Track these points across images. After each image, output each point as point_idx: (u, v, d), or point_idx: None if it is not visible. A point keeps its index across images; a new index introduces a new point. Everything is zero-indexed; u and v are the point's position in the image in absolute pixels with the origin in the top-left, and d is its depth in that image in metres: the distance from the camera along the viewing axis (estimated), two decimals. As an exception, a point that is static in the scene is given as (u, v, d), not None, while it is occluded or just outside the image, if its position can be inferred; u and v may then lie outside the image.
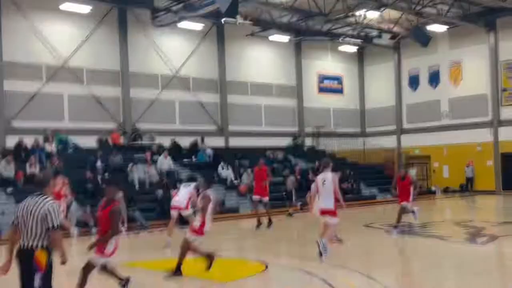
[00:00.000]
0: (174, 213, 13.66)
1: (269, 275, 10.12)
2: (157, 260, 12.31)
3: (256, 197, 17.96)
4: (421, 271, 10.43)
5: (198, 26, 27.89)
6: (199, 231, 9.76)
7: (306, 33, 30.50)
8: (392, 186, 16.19)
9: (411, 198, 15.09)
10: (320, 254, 10.78)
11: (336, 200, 11.47)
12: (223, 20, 27.10)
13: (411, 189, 15.08)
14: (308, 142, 33.40)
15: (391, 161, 33.82)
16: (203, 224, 9.64)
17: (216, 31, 29.43)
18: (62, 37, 24.19)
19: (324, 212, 11.50)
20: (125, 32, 25.95)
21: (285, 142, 31.70)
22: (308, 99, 33.56)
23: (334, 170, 12.27)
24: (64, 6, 23.55)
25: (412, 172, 32.12)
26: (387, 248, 13.25)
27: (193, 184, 13.43)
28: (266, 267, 10.65)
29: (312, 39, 31.72)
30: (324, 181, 11.47)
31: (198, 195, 12.61)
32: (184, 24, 26.57)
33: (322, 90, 34.90)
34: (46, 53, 23.72)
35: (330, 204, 11.38)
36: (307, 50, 33.62)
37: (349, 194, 26.81)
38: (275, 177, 26.11)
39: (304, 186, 25.95)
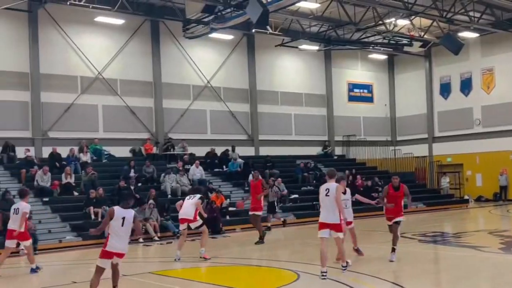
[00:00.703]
0: (182, 226, 13.73)
1: (301, 284, 10.19)
2: (188, 269, 12.54)
3: (251, 213, 17.05)
4: (454, 281, 10.38)
5: (228, 36, 28.28)
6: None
7: (336, 42, 30.53)
8: (382, 196, 12.82)
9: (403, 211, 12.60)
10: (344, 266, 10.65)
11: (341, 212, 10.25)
12: (253, 30, 27.44)
13: (403, 201, 12.54)
14: (338, 151, 33.37)
15: (422, 170, 33.55)
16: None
17: (246, 41, 29.75)
18: (97, 49, 24.83)
19: (324, 226, 10.17)
20: (158, 43, 26.46)
21: (315, 151, 31.77)
22: (338, 107, 33.56)
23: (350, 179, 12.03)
24: (98, 19, 24.19)
25: (445, 180, 31.83)
26: (418, 258, 13.19)
27: (198, 196, 13.54)
28: (298, 276, 10.73)
29: (342, 48, 31.74)
30: (328, 191, 10.17)
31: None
32: (215, 35, 26.94)
33: (352, 98, 34.86)
34: (81, 65, 24.36)
35: (334, 218, 10.10)
36: (337, 59, 33.67)
37: (380, 204, 26.64)
38: (307, 187, 26.22)
39: (335, 195, 25.96)
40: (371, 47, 31.87)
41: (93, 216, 18.45)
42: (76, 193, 20.33)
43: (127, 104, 25.39)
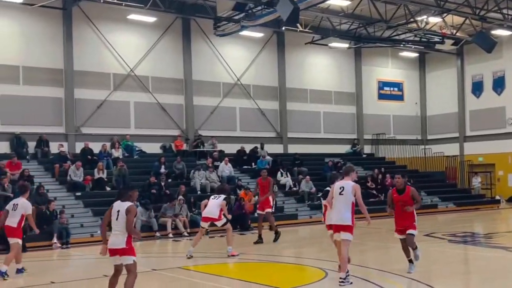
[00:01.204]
0: (205, 224, 13.78)
1: (329, 282, 10.24)
2: (217, 265, 12.70)
3: (260, 212, 16.62)
4: (484, 282, 10.31)
5: (258, 34, 28.41)
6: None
7: (366, 39, 30.37)
8: (388, 204, 10.80)
9: (415, 222, 10.49)
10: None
11: (353, 213, 9.66)
12: (283, 28, 27.49)
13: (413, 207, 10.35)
14: (367, 149, 33.21)
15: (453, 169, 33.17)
16: None
17: (276, 39, 29.81)
18: (129, 47, 25.20)
19: (337, 228, 9.69)
20: (189, 41, 26.72)
21: (344, 149, 31.67)
22: (367, 106, 33.37)
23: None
24: (131, 17, 24.58)
25: (476, 180, 31.39)
26: (449, 258, 13.11)
27: (222, 196, 13.56)
28: (326, 274, 10.78)
29: (372, 46, 31.54)
30: (342, 189, 9.56)
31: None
32: (246, 33, 27.07)
33: (382, 96, 34.62)
34: (114, 62, 24.76)
35: (346, 218, 9.54)
36: (367, 56, 33.47)
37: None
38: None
39: (364, 194, 25.87)
40: (402, 45, 31.58)
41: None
42: (108, 188, 20.71)
43: (158, 101, 25.72)
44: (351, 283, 9.45)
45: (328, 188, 10.57)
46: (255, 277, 10.55)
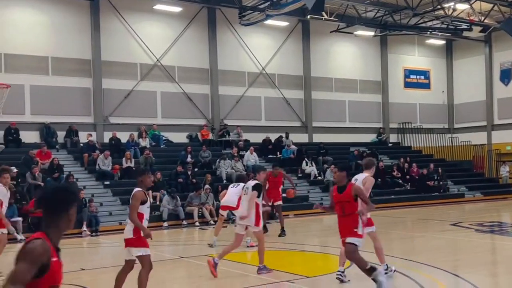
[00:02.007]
0: (224, 213, 14.02)
1: (353, 271, 10.31)
2: (243, 253, 12.84)
3: (275, 204, 15.82)
4: (511, 272, 10.28)
5: (283, 23, 28.38)
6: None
7: (393, 27, 30.08)
8: (330, 204, 8.79)
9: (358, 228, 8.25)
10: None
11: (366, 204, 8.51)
12: (308, 16, 27.38)
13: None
14: (393, 138, 33.02)
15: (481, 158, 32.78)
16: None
17: (301, 27, 29.73)
18: (155, 37, 25.40)
19: None
20: (214, 30, 26.84)
21: (369, 138, 31.56)
22: (393, 94, 33.12)
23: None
24: (157, 7, 24.79)
25: (504, 169, 31.00)
26: (476, 248, 13.06)
27: (241, 185, 13.28)
28: (351, 263, 10.83)
29: (398, 34, 31.23)
30: (355, 182, 9.04)
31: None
32: (271, 22, 27.07)
33: (408, 85, 34.31)
34: (141, 52, 25.01)
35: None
36: (393, 44, 33.17)
37: (436, 192, 26.35)
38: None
39: (390, 183, 25.82)
40: (428, 32, 31.19)
41: (151, 200, 19.07)
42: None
43: (184, 90, 25.94)
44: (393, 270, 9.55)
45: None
46: (281, 265, 10.67)
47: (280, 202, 15.83)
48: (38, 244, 3.19)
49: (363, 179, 9.19)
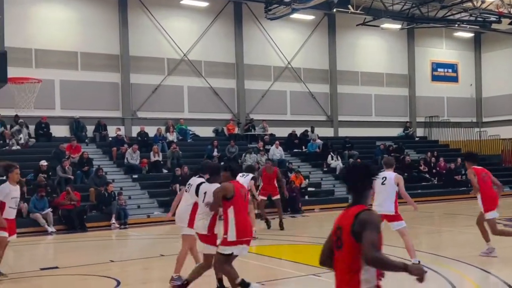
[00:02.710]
0: None
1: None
2: (267, 246, 12.96)
3: (273, 198, 15.63)
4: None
5: (309, 16, 28.33)
6: None
7: (420, 20, 29.78)
8: None
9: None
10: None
11: (397, 203, 9.73)
12: (334, 10, 27.27)
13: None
14: (420, 132, 32.76)
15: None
16: None
17: (327, 21, 29.63)
18: (182, 32, 25.59)
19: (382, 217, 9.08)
20: (240, 25, 26.93)
21: (396, 132, 31.35)
22: (420, 88, 32.81)
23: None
24: (184, 2, 25.01)
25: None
26: (504, 243, 12.91)
27: (250, 175, 13.41)
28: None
29: (426, 26, 30.91)
30: (385, 180, 9.64)
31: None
32: (296, 15, 27.04)
33: (435, 78, 33.95)
34: (168, 47, 25.23)
35: (390, 208, 9.60)
36: (420, 37, 32.83)
37: (463, 187, 26.08)
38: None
39: (416, 178, 25.65)
40: (456, 25, 30.76)
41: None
42: (165, 171, 21.32)
43: (210, 85, 26.11)
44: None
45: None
46: (307, 258, 10.72)
47: (278, 197, 15.48)
48: (376, 214, 3.81)
49: (396, 178, 9.68)
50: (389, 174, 9.79)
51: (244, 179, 13.64)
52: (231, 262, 7.42)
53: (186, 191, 8.63)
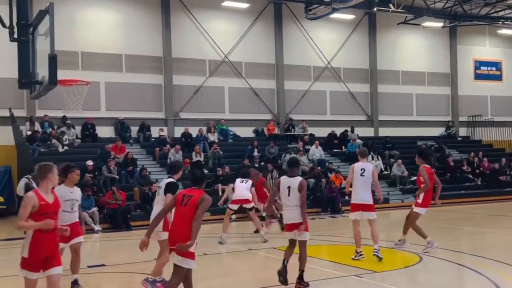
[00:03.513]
0: (235, 207, 13.64)
1: (424, 267, 10.35)
2: (308, 246, 13.05)
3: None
4: None
5: (349, 16, 28.29)
6: None
7: (462, 17, 29.35)
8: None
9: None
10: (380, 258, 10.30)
11: (373, 193, 10.60)
12: (375, 9, 27.15)
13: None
14: (462, 132, 32.25)
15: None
16: None
17: (367, 20, 29.52)
18: (223, 33, 25.97)
19: (361, 207, 10.35)
20: (280, 26, 27.11)
21: (438, 131, 30.99)
22: (462, 86, 32.32)
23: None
24: (225, 4, 25.37)
25: None
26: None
27: (250, 182, 13.44)
28: (420, 259, 10.88)
29: (468, 24, 30.43)
30: (363, 171, 10.32)
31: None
32: (336, 15, 27.03)
33: (478, 77, 33.38)
34: (209, 49, 25.63)
35: (368, 198, 10.39)
36: (463, 35, 32.33)
37: (508, 187, 25.60)
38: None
39: (459, 179, 25.29)
40: (500, 22, 30.23)
41: (220, 193, 19.60)
42: (206, 171, 21.63)
43: (251, 86, 26.38)
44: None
45: None
46: (347, 259, 10.81)
47: (251, 205, 14.24)
48: None
49: (373, 169, 10.47)
50: (366, 165, 10.53)
51: (245, 184, 13.51)
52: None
53: (157, 195, 8.63)
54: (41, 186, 6.21)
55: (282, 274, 8.42)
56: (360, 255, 10.61)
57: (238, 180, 13.88)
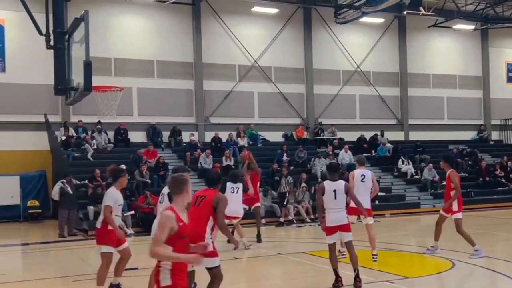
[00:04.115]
0: (234, 221, 13.31)
1: (457, 273, 10.29)
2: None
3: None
4: None
5: (379, 20, 28.19)
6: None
7: (494, 20, 28.97)
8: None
9: None
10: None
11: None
12: (405, 12, 27.00)
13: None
14: (495, 135, 31.78)
15: None
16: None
17: (397, 23, 29.37)
18: (253, 39, 26.16)
19: (360, 211, 10.12)
20: (309, 30, 27.18)
21: (469, 135, 30.59)
22: (495, 89, 31.86)
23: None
24: (255, 9, 25.59)
25: None
26: None
27: (240, 187, 12.86)
28: (453, 264, 10.81)
29: (501, 27, 30.00)
30: (364, 177, 11.00)
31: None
32: (366, 19, 26.97)
33: (511, 79, 32.85)
34: (239, 54, 25.86)
35: (368, 203, 10.90)
36: (495, 38, 31.88)
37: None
38: (460, 173, 25.22)
39: (492, 183, 24.93)
40: (534, 24, 29.73)
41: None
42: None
43: (280, 90, 26.50)
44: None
45: None
46: (379, 265, 10.80)
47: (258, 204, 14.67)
48: None
49: (372, 176, 11.10)
50: (366, 172, 11.21)
51: (236, 195, 12.67)
52: None
53: (160, 202, 8.07)
54: (176, 202, 4.98)
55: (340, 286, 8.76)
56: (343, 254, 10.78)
57: (229, 187, 12.78)
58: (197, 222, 6.69)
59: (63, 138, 21.56)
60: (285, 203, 19.20)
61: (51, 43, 9.54)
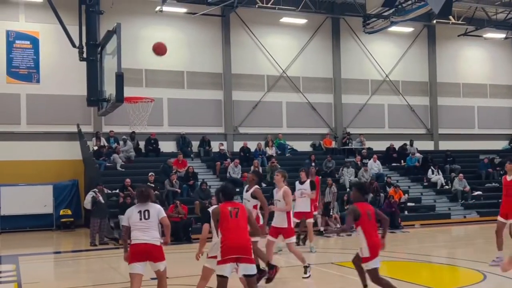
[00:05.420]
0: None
1: (488, 285, 10.19)
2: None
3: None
4: None
5: (408, 29, 28.07)
6: None
7: (525, 28, 28.60)
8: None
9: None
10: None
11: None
12: (434, 21, 26.85)
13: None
14: (527, 145, 31.23)
15: None
16: None
17: (427, 32, 29.20)
18: (281, 49, 26.34)
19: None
20: (338, 40, 27.24)
21: (501, 145, 30.15)
22: (527, 98, 31.39)
23: None
24: (283, 20, 25.76)
25: None
26: None
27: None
28: (484, 277, 10.71)
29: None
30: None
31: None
32: (395, 28, 26.89)
33: (543, 88, 32.27)
34: (268, 64, 26.06)
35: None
36: (526, 46, 31.43)
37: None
38: (491, 183, 24.92)
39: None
40: None
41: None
42: (264, 185, 21.90)
43: (308, 100, 26.59)
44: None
45: None
46: (408, 276, 10.76)
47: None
48: None
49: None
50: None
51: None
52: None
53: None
54: None
55: None
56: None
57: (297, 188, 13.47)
58: (241, 232, 7.12)
59: (95, 148, 22.00)
60: (330, 213, 19.31)
61: (84, 55, 9.75)
